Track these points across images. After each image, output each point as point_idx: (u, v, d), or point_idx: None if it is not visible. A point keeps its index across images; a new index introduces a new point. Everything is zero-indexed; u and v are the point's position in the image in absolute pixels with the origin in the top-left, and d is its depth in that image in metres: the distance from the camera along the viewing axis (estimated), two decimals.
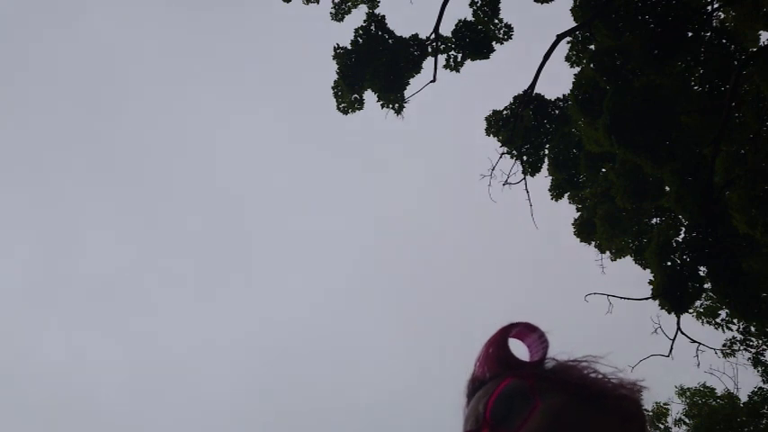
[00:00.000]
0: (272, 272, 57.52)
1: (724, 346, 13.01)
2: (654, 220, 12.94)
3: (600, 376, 0.86)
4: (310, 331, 56.00)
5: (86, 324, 50.85)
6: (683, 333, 11.52)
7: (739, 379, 12.61)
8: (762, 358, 13.06)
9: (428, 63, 12.52)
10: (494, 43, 12.54)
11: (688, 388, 13.96)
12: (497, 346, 0.92)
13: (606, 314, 11.95)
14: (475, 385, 0.92)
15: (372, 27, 12.09)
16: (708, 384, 13.82)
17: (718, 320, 13.00)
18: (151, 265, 52.67)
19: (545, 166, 13.26)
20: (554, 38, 11.51)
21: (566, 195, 13.76)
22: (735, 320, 12.76)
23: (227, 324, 53.89)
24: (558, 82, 13.12)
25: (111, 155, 52.68)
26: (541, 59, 11.77)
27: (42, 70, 48.47)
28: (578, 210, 13.82)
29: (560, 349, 0.91)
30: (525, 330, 0.93)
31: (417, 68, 12.31)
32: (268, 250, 57.34)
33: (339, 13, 13.33)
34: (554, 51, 11.60)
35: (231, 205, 58.02)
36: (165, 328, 52.72)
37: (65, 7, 47.90)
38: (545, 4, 12.51)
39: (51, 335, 48.54)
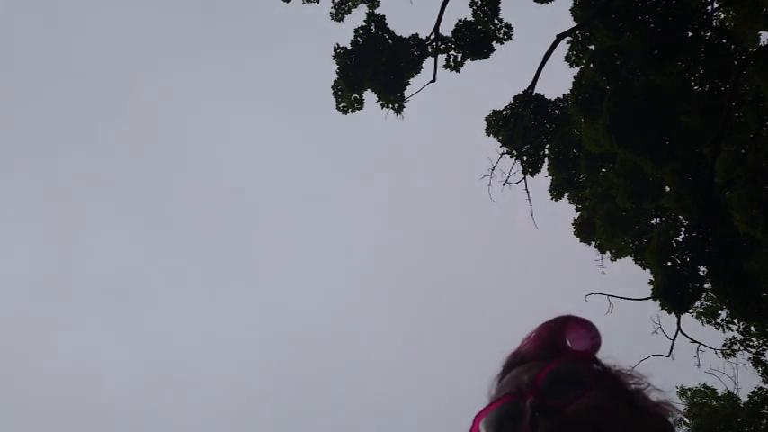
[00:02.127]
0: (278, 272, 57.56)
1: (724, 346, 13.01)
2: (654, 220, 12.93)
3: (641, 389, 0.90)
4: (316, 330, 55.99)
5: (93, 323, 50.95)
6: (683, 333, 11.52)
7: (739, 379, 12.62)
8: (762, 358, 13.06)
9: (428, 63, 12.52)
10: (494, 43, 12.53)
11: (689, 388, 13.96)
12: (552, 330, 0.95)
13: (606, 314, 11.95)
14: (516, 359, 0.96)
15: (372, 27, 12.07)
16: (708, 384, 13.83)
17: (718, 320, 13.01)
18: (158, 263, 52.71)
19: (545, 166, 13.25)
20: (554, 38, 11.51)
21: (566, 195, 13.75)
22: (735, 320, 12.77)
23: (234, 323, 53.92)
24: (558, 82, 13.13)
25: (119, 154, 52.71)
26: (541, 59, 11.77)
27: (47, 69, 48.45)
28: (578, 210, 13.80)
29: (607, 355, 0.94)
30: (580, 325, 0.95)
31: (417, 68, 12.29)
32: (274, 250, 57.39)
33: (339, 13, 13.31)
34: (554, 51, 11.60)
35: (236, 204, 58.02)
36: (171, 327, 52.78)
37: (72, 6, 47.88)
38: (545, 4, 12.50)
39: (58, 334, 48.60)
